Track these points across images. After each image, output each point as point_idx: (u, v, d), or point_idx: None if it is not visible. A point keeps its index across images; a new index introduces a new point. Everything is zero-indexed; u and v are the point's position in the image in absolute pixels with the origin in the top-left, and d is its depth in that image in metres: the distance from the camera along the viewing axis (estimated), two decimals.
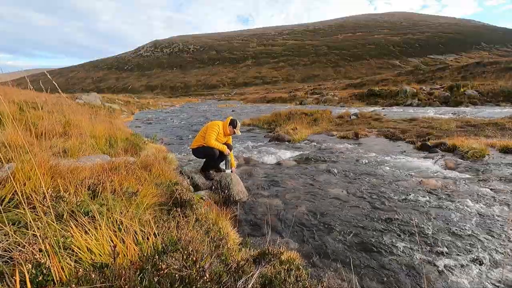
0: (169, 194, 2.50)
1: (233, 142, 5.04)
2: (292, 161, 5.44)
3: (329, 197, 3.56)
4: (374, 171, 4.60)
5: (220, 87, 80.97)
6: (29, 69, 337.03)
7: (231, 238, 2.20)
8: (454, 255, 2.21)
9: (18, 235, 1.25)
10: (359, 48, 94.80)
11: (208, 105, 30.25)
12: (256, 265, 1.59)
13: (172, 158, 4.73)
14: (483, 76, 25.32)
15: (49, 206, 1.36)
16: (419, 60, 77.04)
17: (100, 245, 1.24)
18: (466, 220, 2.78)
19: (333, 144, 7.04)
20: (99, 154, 3.45)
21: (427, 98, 18.64)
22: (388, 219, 2.85)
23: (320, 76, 75.85)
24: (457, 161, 4.94)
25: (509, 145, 5.36)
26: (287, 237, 2.56)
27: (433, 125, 8.59)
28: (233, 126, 4.15)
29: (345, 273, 1.99)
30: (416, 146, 6.23)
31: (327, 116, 11.63)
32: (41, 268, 0.99)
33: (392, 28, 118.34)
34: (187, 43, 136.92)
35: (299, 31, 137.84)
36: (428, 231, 2.59)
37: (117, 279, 0.98)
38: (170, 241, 1.31)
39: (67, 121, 4.55)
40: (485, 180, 3.91)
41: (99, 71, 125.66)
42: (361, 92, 23.90)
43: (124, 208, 1.71)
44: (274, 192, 3.80)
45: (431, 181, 3.94)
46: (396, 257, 2.20)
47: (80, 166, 2.35)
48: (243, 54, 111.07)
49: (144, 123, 13.63)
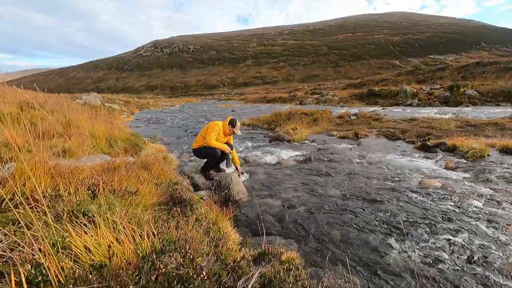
0: (169, 194, 2.50)
1: (234, 142, 5.04)
2: (292, 161, 5.44)
3: (329, 197, 3.56)
4: (374, 171, 4.60)
5: (220, 87, 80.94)
6: (29, 69, 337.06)
7: (231, 238, 2.19)
8: (454, 255, 2.21)
9: (18, 235, 1.25)
10: (359, 48, 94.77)
11: (208, 105, 30.24)
12: (256, 265, 1.59)
13: (172, 158, 4.73)
14: (483, 76, 25.33)
15: (48, 206, 1.36)
16: (419, 60, 76.99)
17: (99, 245, 1.24)
18: (466, 221, 2.78)
19: (333, 144, 7.04)
20: (99, 154, 3.45)
21: (427, 98, 18.64)
22: (387, 219, 2.85)
23: (320, 76, 75.82)
24: (457, 161, 4.94)
25: (509, 145, 5.35)
26: (287, 237, 2.56)
27: (433, 125, 8.59)
28: (232, 125, 4.14)
29: (345, 273, 1.99)
30: (416, 146, 6.22)
31: (327, 116, 11.63)
32: (41, 269, 0.99)
33: (392, 28, 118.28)
34: (187, 43, 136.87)
35: (299, 31, 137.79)
36: (428, 231, 2.59)
37: (114, 279, 0.98)
38: (168, 240, 1.31)
39: (67, 121, 4.55)
40: (485, 180, 3.91)
41: (99, 71, 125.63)
42: (361, 92, 23.90)
43: (124, 208, 1.71)
44: (274, 192, 3.80)
45: (431, 181, 3.93)
46: (396, 257, 2.20)
47: (80, 166, 2.35)
48: (243, 54, 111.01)
49: (144, 123, 13.63)
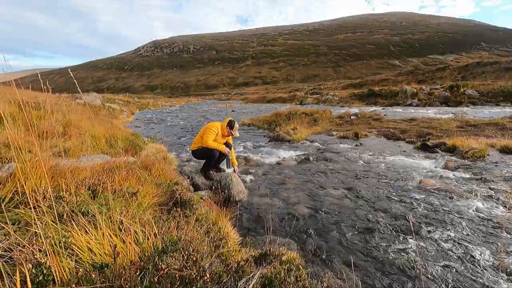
0: (169, 194, 2.50)
1: (233, 142, 5.03)
2: (292, 161, 5.44)
3: (329, 197, 3.56)
4: (374, 171, 4.60)
5: (220, 87, 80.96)
6: (29, 69, 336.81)
7: (231, 238, 2.19)
8: (454, 255, 2.21)
9: (18, 235, 1.25)
10: (359, 48, 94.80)
11: (208, 105, 30.23)
12: (257, 266, 1.59)
13: (172, 158, 4.73)
14: (483, 76, 25.36)
15: (49, 206, 1.36)
16: (419, 60, 77.01)
17: (101, 245, 1.24)
18: (466, 221, 2.78)
19: (333, 144, 7.04)
20: (99, 154, 3.44)
21: (427, 98, 18.65)
22: (387, 219, 2.85)
23: (320, 76, 75.85)
24: (457, 161, 4.94)
25: (509, 145, 5.35)
26: (287, 237, 2.56)
27: (433, 125, 8.59)
28: (230, 127, 4.12)
29: (345, 273, 1.99)
30: (416, 146, 6.22)
31: (327, 116, 11.63)
32: (41, 268, 0.98)
33: (392, 28, 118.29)
34: (187, 43, 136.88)
35: (299, 31, 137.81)
36: (428, 231, 2.59)
37: (117, 279, 0.98)
38: (170, 241, 1.30)
39: (67, 121, 4.55)
40: (485, 180, 3.91)
41: (99, 71, 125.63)
42: (361, 92, 23.90)
43: (124, 208, 1.70)
44: (274, 192, 3.80)
45: (431, 181, 3.93)
46: (395, 257, 2.20)
47: (80, 166, 2.35)
48: (243, 54, 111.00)
49: (144, 123, 13.62)
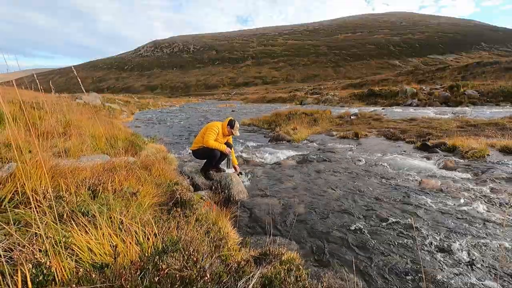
0: (169, 194, 2.50)
1: (233, 142, 5.04)
2: (292, 161, 5.44)
3: (329, 197, 3.56)
4: (374, 171, 4.60)
5: (220, 87, 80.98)
6: (29, 69, 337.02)
7: (231, 238, 2.19)
8: (454, 255, 2.21)
9: (18, 235, 1.25)
10: (359, 48, 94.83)
11: (208, 105, 30.24)
12: (257, 266, 1.59)
13: (172, 158, 4.73)
14: (483, 76, 25.36)
15: (49, 206, 1.36)
16: (419, 60, 77.03)
17: (101, 244, 1.24)
18: (466, 221, 2.78)
19: (333, 144, 7.04)
20: (99, 154, 3.45)
21: (427, 98, 18.65)
22: (387, 219, 2.85)
23: (320, 76, 75.87)
24: (457, 161, 4.94)
25: (509, 145, 5.35)
26: (287, 237, 2.56)
27: (433, 125, 8.59)
28: (231, 126, 4.13)
29: (345, 273, 1.99)
30: (416, 146, 6.22)
31: (327, 116, 11.63)
32: (42, 268, 0.99)
33: (392, 28, 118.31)
34: (187, 43, 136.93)
35: (299, 31, 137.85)
36: (428, 231, 2.59)
37: (117, 279, 0.98)
38: (171, 241, 1.31)
39: (67, 121, 4.55)
40: (485, 180, 3.91)
41: (99, 71, 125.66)
42: (361, 92, 23.90)
43: (125, 208, 1.71)
44: (274, 192, 3.80)
45: (431, 181, 3.93)
46: (395, 257, 2.20)
47: (80, 166, 2.35)
48: (243, 54, 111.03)
49: (144, 123, 13.62)
